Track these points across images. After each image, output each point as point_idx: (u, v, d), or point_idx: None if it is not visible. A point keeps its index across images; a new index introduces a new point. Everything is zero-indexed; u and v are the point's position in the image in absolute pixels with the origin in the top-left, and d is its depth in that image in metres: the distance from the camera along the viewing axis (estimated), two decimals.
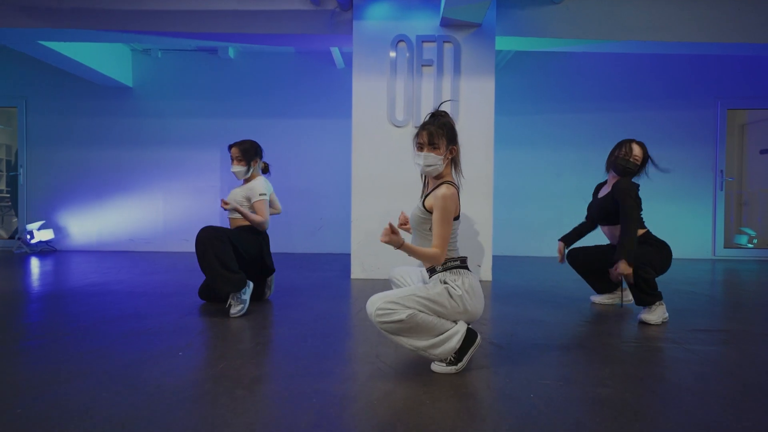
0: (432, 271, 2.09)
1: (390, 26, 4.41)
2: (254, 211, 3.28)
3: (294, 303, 3.41)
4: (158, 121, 6.64)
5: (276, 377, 1.98)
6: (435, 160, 2.07)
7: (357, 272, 4.49)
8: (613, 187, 3.03)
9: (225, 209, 3.26)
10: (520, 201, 6.51)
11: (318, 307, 3.28)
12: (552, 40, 4.71)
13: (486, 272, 4.47)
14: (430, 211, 2.04)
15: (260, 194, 3.28)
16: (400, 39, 4.40)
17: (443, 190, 2.01)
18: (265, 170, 3.58)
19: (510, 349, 2.39)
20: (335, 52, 6.00)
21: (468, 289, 2.02)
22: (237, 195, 3.32)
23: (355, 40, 4.45)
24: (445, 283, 2.02)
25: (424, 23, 4.41)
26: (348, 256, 6.06)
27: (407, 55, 4.42)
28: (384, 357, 2.24)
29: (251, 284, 3.10)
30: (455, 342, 2.00)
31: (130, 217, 6.70)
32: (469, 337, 2.03)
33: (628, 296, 3.42)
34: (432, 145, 2.07)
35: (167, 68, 6.66)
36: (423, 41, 4.40)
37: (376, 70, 4.44)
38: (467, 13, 4.14)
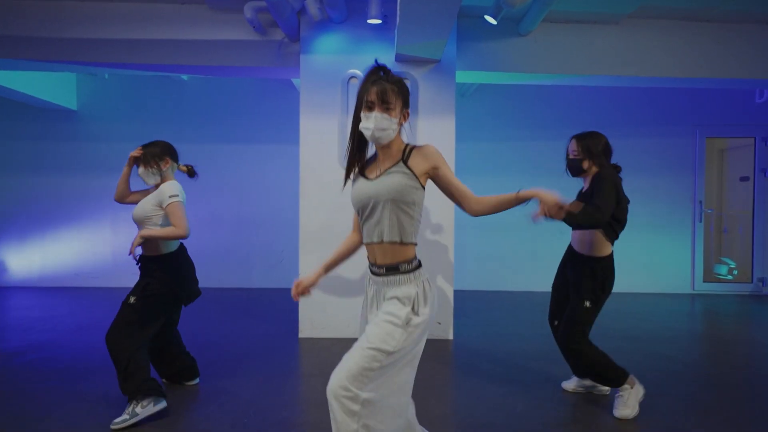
0: (394, 270, 1.64)
1: (341, 61, 4.02)
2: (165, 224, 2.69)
3: (221, 390, 3.01)
4: (105, 146, 6.18)
5: None
6: (389, 123, 1.64)
7: (306, 330, 4.11)
8: (594, 178, 2.60)
9: (134, 255, 2.61)
10: (491, 233, 6.16)
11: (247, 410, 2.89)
12: (518, 74, 4.37)
13: (446, 329, 4.12)
14: (417, 177, 1.65)
15: (170, 196, 2.65)
16: (352, 76, 4.01)
17: (431, 147, 1.70)
18: (191, 174, 3.02)
19: None
20: None
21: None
22: (146, 205, 2.70)
23: (302, 76, 4.05)
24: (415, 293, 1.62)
25: (379, 58, 4.02)
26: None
27: None
28: None
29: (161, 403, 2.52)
30: None
31: (76, 249, 6.24)
32: None
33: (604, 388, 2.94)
34: (385, 105, 1.64)
35: (115, 90, 6.20)
36: None
37: (326, 108, 4.05)
38: (424, 49, 3.77)
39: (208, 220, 6.17)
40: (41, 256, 6.22)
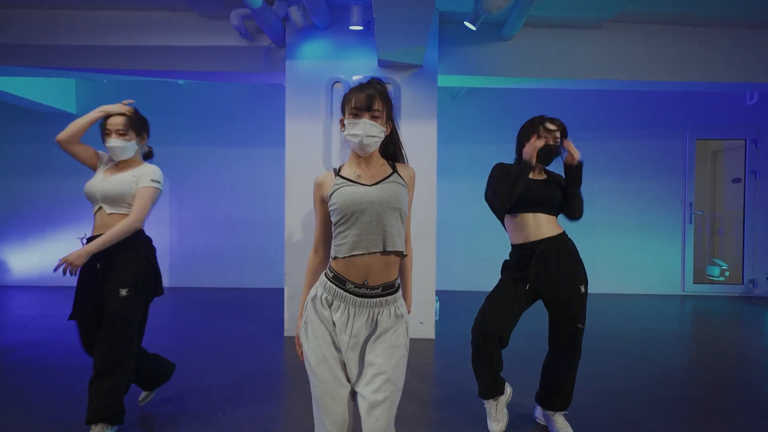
0: (389, 289, 1.57)
1: (325, 66, 4.12)
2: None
3: (201, 385, 3.11)
4: (104, 149, 6.31)
5: None
6: (378, 130, 1.56)
7: (291, 329, 4.20)
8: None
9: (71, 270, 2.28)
10: (478, 234, 6.21)
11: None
12: (500, 78, 4.44)
13: (428, 328, 4.20)
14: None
15: (152, 180, 2.42)
16: (336, 80, 4.11)
17: (412, 170, 1.68)
18: (149, 156, 2.67)
19: None
20: None
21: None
22: (125, 185, 2.37)
23: (288, 81, 4.15)
24: (402, 316, 1.61)
25: (362, 64, 4.12)
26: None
27: None
28: None
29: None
30: None
31: (74, 250, 6.37)
32: None
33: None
34: (372, 112, 1.55)
35: (114, 95, 6.32)
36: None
37: (311, 112, 4.15)
38: (404, 55, 3.85)
39: (202, 222, 6.30)
40: (41, 257, 6.37)
